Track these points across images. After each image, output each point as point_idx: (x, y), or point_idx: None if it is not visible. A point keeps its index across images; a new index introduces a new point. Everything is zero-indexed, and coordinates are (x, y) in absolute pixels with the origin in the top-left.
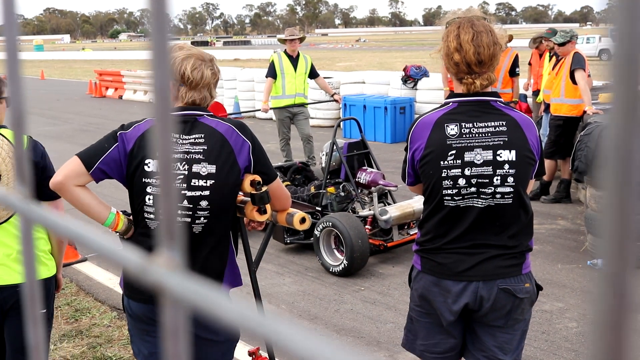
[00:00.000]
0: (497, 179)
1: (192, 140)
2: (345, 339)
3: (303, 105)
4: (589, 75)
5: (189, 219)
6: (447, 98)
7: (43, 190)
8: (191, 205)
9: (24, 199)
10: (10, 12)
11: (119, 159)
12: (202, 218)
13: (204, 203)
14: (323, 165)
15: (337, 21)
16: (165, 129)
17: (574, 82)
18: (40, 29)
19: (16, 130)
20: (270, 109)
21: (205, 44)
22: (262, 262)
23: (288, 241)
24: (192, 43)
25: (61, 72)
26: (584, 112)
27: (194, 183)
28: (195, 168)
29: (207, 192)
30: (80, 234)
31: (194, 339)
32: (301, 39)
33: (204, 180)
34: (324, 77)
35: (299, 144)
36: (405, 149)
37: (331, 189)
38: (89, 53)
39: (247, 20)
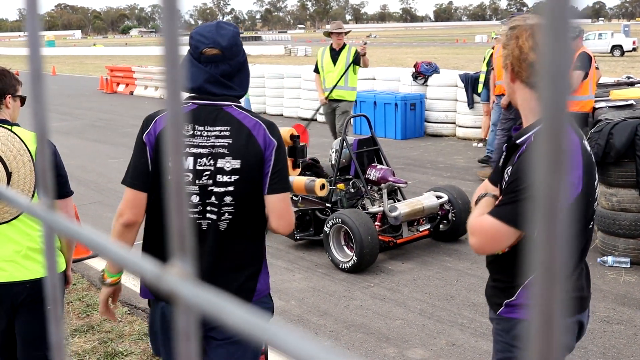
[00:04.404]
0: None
1: (217, 133)
2: (354, 335)
3: (342, 100)
4: (597, 68)
5: (215, 216)
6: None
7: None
8: (216, 202)
9: (47, 209)
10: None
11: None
12: (226, 214)
13: (228, 199)
14: (333, 161)
15: (348, 17)
16: (177, 140)
17: None
18: (51, 24)
19: (39, 143)
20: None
21: None
22: (272, 257)
23: (298, 237)
24: None
25: (72, 68)
26: (594, 108)
27: (219, 179)
28: (220, 163)
29: (231, 188)
30: (101, 245)
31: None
32: (346, 33)
33: (228, 176)
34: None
35: (310, 141)
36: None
37: (341, 186)
38: (100, 49)
39: (258, 16)
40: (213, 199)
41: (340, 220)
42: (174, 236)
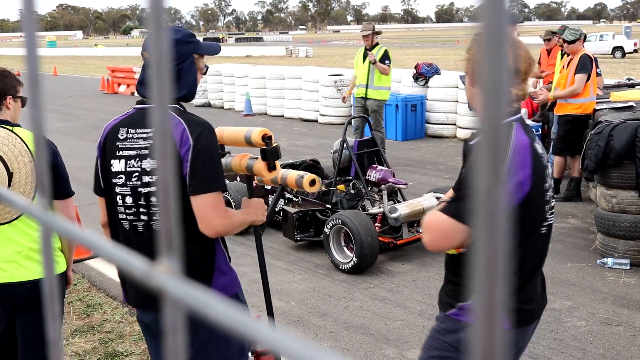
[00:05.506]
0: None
1: (145, 135)
2: (354, 335)
3: (369, 98)
4: (599, 74)
5: (146, 217)
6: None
7: (54, 189)
8: (144, 203)
9: (44, 210)
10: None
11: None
12: (157, 214)
13: (154, 199)
14: (333, 163)
15: (349, 18)
16: (164, 140)
17: None
18: (53, 25)
19: (37, 143)
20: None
21: (217, 40)
22: (272, 259)
23: (298, 238)
24: (204, 39)
25: (74, 69)
26: (594, 110)
27: (144, 179)
28: (144, 164)
29: (154, 188)
30: (94, 243)
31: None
32: (377, 33)
33: (150, 177)
34: (335, 75)
35: (310, 142)
36: None
37: (341, 187)
38: (101, 49)
39: (259, 17)
40: (142, 199)
41: (340, 221)
42: (161, 235)
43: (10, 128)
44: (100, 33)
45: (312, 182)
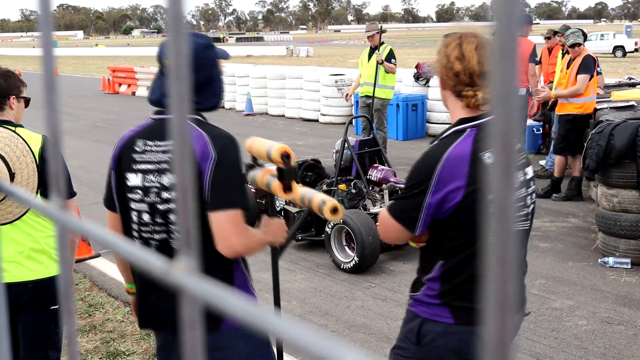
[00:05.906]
0: (529, 199)
1: (165, 148)
2: (355, 335)
3: (373, 97)
4: (599, 73)
5: (165, 235)
6: (456, 125)
7: None
8: (162, 221)
9: (60, 209)
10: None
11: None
12: (176, 232)
13: (172, 217)
14: (334, 162)
15: (350, 17)
16: (182, 137)
17: None
18: (54, 25)
19: (53, 144)
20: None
21: (217, 40)
22: None
23: (299, 238)
24: None
25: (74, 69)
26: (595, 109)
27: (163, 195)
28: (164, 179)
29: (173, 205)
30: (111, 242)
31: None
32: (382, 32)
33: (168, 192)
34: (336, 74)
35: (311, 141)
36: (417, 194)
37: (342, 186)
38: (102, 49)
39: (260, 17)
40: (160, 217)
41: (341, 220)
42: (180, 234)
43: (13, 129)
44: (101, 33)
45: (334, 210)
